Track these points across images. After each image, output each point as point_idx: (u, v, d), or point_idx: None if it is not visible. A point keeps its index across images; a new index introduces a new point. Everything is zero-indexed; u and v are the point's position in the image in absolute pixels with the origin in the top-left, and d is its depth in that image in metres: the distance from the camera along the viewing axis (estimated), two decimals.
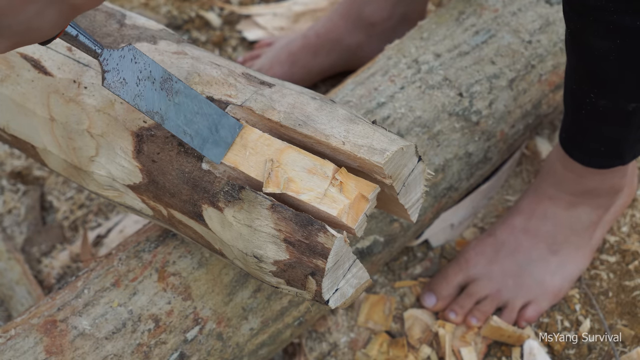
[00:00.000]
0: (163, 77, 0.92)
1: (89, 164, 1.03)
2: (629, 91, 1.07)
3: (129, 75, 0.91)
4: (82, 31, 0.89)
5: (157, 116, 0.91)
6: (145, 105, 0.91)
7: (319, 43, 1.59)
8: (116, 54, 0.90)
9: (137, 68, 0.91)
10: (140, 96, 0.91)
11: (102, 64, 0.90)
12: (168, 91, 0.92)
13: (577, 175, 1.27)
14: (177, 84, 0.93)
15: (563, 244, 1.33)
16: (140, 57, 0.91)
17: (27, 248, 1.47)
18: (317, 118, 0.95)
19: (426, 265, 1.41)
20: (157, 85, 0.92)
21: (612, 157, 1.21)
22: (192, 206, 0.96)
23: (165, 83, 0.92)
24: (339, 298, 0.93)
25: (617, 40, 0.99)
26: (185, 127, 0.92)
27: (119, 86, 0.90)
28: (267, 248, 0.90)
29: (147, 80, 0.91)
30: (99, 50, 0.90)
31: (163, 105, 0.92)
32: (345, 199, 0.90)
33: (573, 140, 1.22)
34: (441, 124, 1.23)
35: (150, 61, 0.92)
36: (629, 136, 1.15)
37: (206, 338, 1.07)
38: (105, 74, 0.90)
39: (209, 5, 1.80)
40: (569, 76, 1.14)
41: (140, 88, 0.91)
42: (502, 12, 1.34)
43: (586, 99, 1.11)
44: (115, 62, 0.90)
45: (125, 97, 0.90)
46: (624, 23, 0.96)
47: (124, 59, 0.91)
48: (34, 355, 1.01)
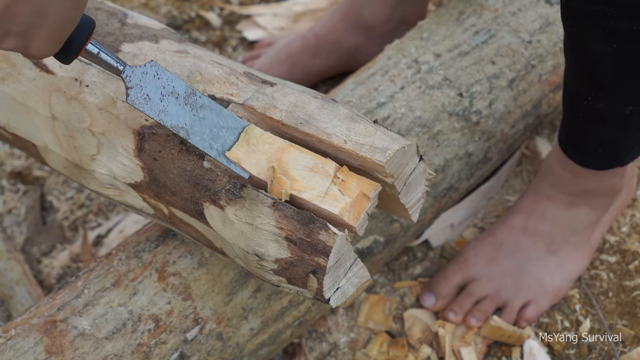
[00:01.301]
0: (187, 92, 0.92)
1: (90, 163, 1.03)
2: (626, 94, 1.08)
3: (153, 91, 0.91)
4: (103, 49, 0.90)
5: (182, 131, 0.91)
6: (170, 120, 0.91)
7: (318, 44, 1.59)
8: (138, 70, 0.91)
9: (160, 84, 0.91)
10: (164, 112, 0.91)
11: (125, 80, 0.90)
12: (192, 106, 0.92)
13: (576, 176, 1.27)
14: (200, 98, 0.93)
15: (562, 244, 1.33)
16: (163, 73, 0.92)
17: (27, 248, 1.47)
18: (318, 117, 0.95)
19: (426, 265, 1.41)
20: (181, 101, 0.92)
21: (610, 158, 1.21)
22: (194, 204, 0.96)
23: (189, 98, 0.92)
24: (339, 297, 0.93)
25: (613, 45, 1.00)
26: (211, 142, 0.92)
27: (142, 102, 0.91)
28: (268, 246, 0.90)
29: (170, 95, 0.92)
30: (121, 67, 0.90)
31: (188, 120, 0.92)
32: (347, 198, 0.90)
33: (571, 142, 1.22)
34: (441, 124, 1.24)
35: (173, 77, 0.92)
36: (626, 139, 1.16)
37: (206, 338, 1.07)
38: (128, 90, 0.90)
39: (209, 5, 1.80)
40: (567, 79, 1.15)
41: (164, 104, 0.91)
42: (502, 12, 1.34)
43: (583, 102, 1.12)
44: (138, 78, 0.91)
45: (150, 113, 0.91)
46: (621, 28, 0.97)
47: (147, 75, 0.91)
48: (34, 355, 1.01)
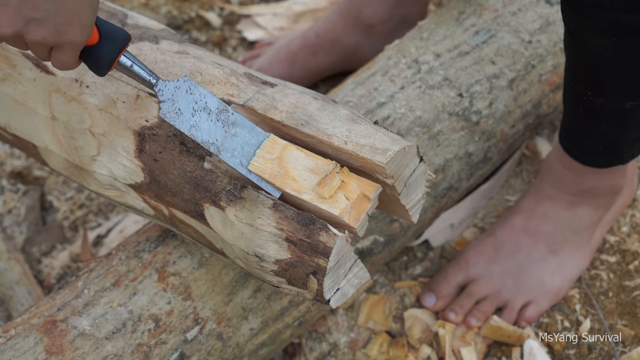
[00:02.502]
0: (219, 108, 0.93)
1: (91, 163, 1.03)
2: (626, 89, 1.08)
3: (185, 106, 0.91)
4: (137, 61, 0.91)
5: (213, 147, 0.91)
6: (201, 135, 0.91)
7: (318, 43, 1.59)
8: (171, 84, 0.91)
9: (192, 99, 0.92)
10: (195, 127, 0.91)
11: (158, 94, 0.91)
12: (224, 122, 0.92)
13: (577, 175, 1.27)
14: (233, 115, 0.93)
15: (563, 244, 1.33)
16: (196, 88, 0.92)
17: (27, 248, 1.47)
18: (319, 118, 0.95)
19: (426, 265, 1.41)
20: (213, 117, 0.92)
21: (610, 156, 1.21)
22: (194, 205, 0.96)
23: (221, 114, 0.92)
24: (340, 298, 0.93)
25: (613, 38, 1.00)
26: (242, 159, 0.92)
27: (174, 116, 0.91)
28: (268, 247, 0.90)
29: (202, 111, 0.92)
30: (153, 81, 0.91)
31: (219, 136, 0.92)
32: (347, 199, 0.90)
33: (572, 139, 1.22)
34: (441, 124, 1.24)
35: (206, 92, 0.92)
36: (627, 135, 1.16)
37: (206, 338, 1.07)
38: (160, 104, 0.91)
39: (209, 5, 1.80)
40: (567, 75, 1.15)
41: (196, 119, 0.92)
42: (502, 12, 1.34)
43: (584, 97, 1.12)
44: (171, 92, 0.91)
45: (181, 128, 0.91)
46: (620, 20, 0.97)
47: (179, 89, 0.92)
48: (34, 355, 1.01)
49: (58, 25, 0.84)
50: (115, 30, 0.90)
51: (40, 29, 0.84)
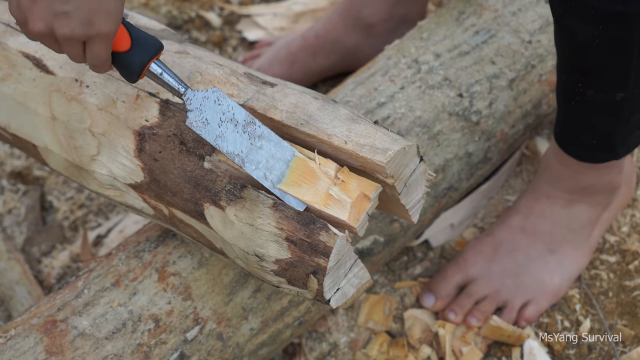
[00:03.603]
0: (246, 120, 0.93)
1: (91, 163, 1.03)
2: (614, 79, 1.09)
3: (212, 116, 0.92)
4: (167, 70, 0.92)
5: (237, 158, 0.92)
6: (226, 146, 0.92)
7: (318, 43, 1.59)
8: (200, 94, 0.92)
9: (220, 110, 0.92)
10: (221, 137, 0.92)
11: (186, 103, 0.92)
12: (250, 135, 0.92)
13: (573, 172, 1.27)
14: (260, 128, 0.93)
15: (561, 243, 1.33)
16: (224, 99, 0.93)
17: (27, 248, 1.47)
18: (319, 117, 0.95)
19: (426, 265, 1.41)
20: (240, 128, 0.92)
21: (605, 151, 1.21)
22: (194, 205, 0.96)
23: (248, 126, 0.93)
24: (340, 298, 0.93)
25: (599, 26, 1.01)
26: (266, 172, 0.92)
27: (201, 126, 0.92)
28: (268, 247, 0.90)
29: (229, 122, 0.92)
30: (182, 90, 0.92)
31: (245, 148, 0.92)
32: (347, 198, 0.90)
33: (566, 134, 1.22)
34: (441, 124, 1.24)
35: (234, 104, 0.93)
36: (619, 128, 1.16)
37: (206, 338, 1.07)
38: (188, 113, 0.92)
39: (209, 5, 1.80)
40: (558, 67, 1.16)
41: (222, 129, 0.92)
42: (502, 12, 1.34)
43: (575, 90, 1.12)
44: (199, 102, 0.92)
45: (207, 137, 0.92)
46: (604, 8, 0.98)
47: (208, 100, 0.92)
48: (34, 355, 1.01)
49: (86, 17, 0.85)
50: (147, 38, 0.92)
51: (70, 22, 0.85)
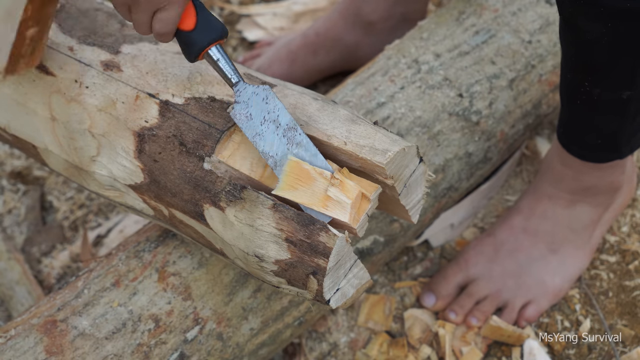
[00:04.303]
0: (289, 125, 0.93)
1: (90, 164, 1.03)
2: (622, 77, 1.08)
3: (256, 113, 0.92)
4: (225, 57, 0.92)
5: (271, 160, 0.92)
6: (263, 145, 0.92)
7: (319, 42, 1.59)
8: (250, 89, 0.92)
9: (266, 108, 0.92)
10: (260, 135, 0.92)
11: (235, 94, 0.92)
12: (289, 140, 0.92)
13: (576, 172, 1.27)
14: (300, 135, 0.93)
15: (563, 243, 1.33)
16: (273, 99, 0.93)
17: (27, 248, 1.47)
18: (318, 118, 0.95)
19: (426, 265, 1.41)
20: (281, 132, 0.92)
21: (609, 150, 1.21)
22: (194, 206, 0.96)
23: (289, 131, 0.93)
24: (339, 298, 0.93)
25: (608, 24, 1.00)
26: None
27: (243, 120, 0.92)
28: (268, 247, 0.90)
29: (272, 123, 0.92)
30: (234, 80, 0.92)
31: (280, 151, 0.92)
32: (347, 199, 0.90)
33: (570, 134, 1.22)
34: (441, 124, 1.24)
35: (281, 106, 0.93)
36: (625, 127, 1.15)
37: (206, 338, 1.07)
38: (234, 104, 0.92)
39: (209, 5, 1.80)
40: (563, 67, 1.15)
41: (264, 128, 0.92)
42: (502, 12, 1.34)
43: (581, 89, 1.12)
44: (247, 96, 0.92)
45: (247, 132, 0.92)
46: (614, 5, 0.97)
47: (257, 96, 0.92)
48: (34, 355, 1.01)
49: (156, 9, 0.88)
50: (213, 22, 0.92)
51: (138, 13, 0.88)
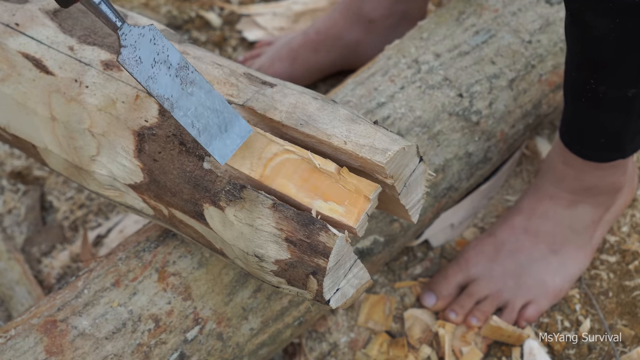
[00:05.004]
0: (180, 64, 0.90)
1: (90, 164, 1.03)
2: (628, 74, 1.07)
3: (146, 55, 0.89)
4: (106, 1, 0.88)
5: (167, 102, 0.89)
6: (157, 88, 0.89)
7: (319, 40, 1.60)
8: (136, 30, 0.88)
9: (155, 49, 0.89)
10: (153, 79, 0.89)
11: (120, 38, 0.88)
12: (183, 79, 0.90)
13: (578, 171, 1.26)
14: (192, 74, 0.91)
15: (564, 244, 1.33)
16: (160, 39, 0.89)
17: (27, 248, 1.47)
18: (318, 118, 0.95)
19: (426, 265, 1.41)
20: (173, 72, 0.90)
21: (612, 150, 1.21)
22: (194, 205, 0.96)
23: (181, 70, 0.90)
24: (339, 298, 0.93)
25: (616, 19, 1.00)
26: (194, 120, 0.90)
27: (133, 64, 0.88)
28: (268, 247, 0.90)
29: (162, 64, 0.89)
30: (119, 24, 0.88)
31: (175, 92, 0.90)
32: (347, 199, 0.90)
33: (573, 133, 1.22)
34: (441, 124, 1.24)
35: (169, 45, 0.90)
36: (629, 126, 1.15)
37: (206, 338, 1.07)
38: (121, 48, 0.88)
39: (209, 5, 1.80)
40: (568, 64, 1.14)
41: (155, 70, 0.89)
42: (502, 12, 1.34)
43: (586, 86, 1.11)
44: (134, 39, 0.88)
45: (138, 77, 0.88)
46: (623, 0, 0.97)
47: (144, 37, 0.88)
48: (34, 355, 1.01)
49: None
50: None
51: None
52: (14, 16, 1.09)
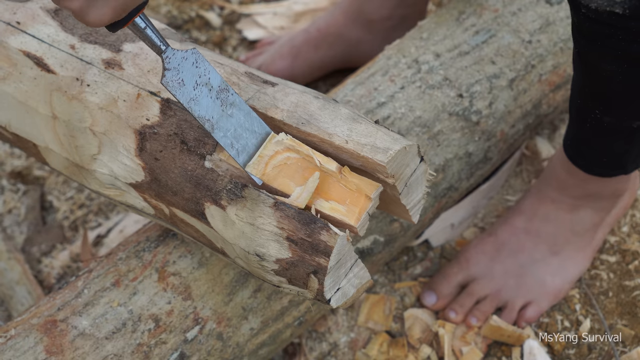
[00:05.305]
0: (220, 86, 0.93)
1: (91, 162, 1.03)
2: (635, 110, 1.09)
3: (188, 78, 0.91)
4: (151, 25, 0.90)
5: (207, 124, 0.91)
6: (198, 110, 0.91)
7: (320, 37, 1.60)
8: (179, 54, 0.91)
9: (197, 72, 0.92)
10: (195, 100, 0.91)
11: (164, 61, 0.91)
12: (223, 101, 0.92)
13: (580, 180, 1.27)
14: (232, 96, 0.93)
15: (564, 245, 1.33)
16: (202, 62, 0.92)
17: (27, 248, 1.47)
18: (320, 117, 0.95)
19: (426, 265, 1.41)
20: (214, 94, 0.92)
21: (614, 168, 1.22)
22: (195, 204, 0.96)
23: (221, 93, 0.92)
24: (340, 297, 0.93)
25: (624, 66, 1.01)
26: (233, 141, 0.92)
27: (176, 86, 0.91)
28: (269, 246, 0.90)
29: (204, 86, 0.92)
30: (163, 47, 0.91)
31: (216, 114, 0.92)
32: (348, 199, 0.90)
33: (577, 149, 1.22)
34: (441, 124, 1.24)
35: (211, 68, 0.92)
36: (632, 150, 1.16)
37: (206, 338, 1.07)
38: (165, 71, 0.90)
39: (209, 5, 1.80)
40: (574, 91, 1.15)
41: (197, 92, 0.91)
42: (502, 12, 1.34)
43: (591, 115, 1.12)
44: (177, 62, 0.91)
45: (181, 99, 0.91)
46: (632, 51, 0.98)
47: (186, 60, 0.91)
48: (34, 355, 1.01)
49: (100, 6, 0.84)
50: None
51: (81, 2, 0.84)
52: (15, 14, 1.09)
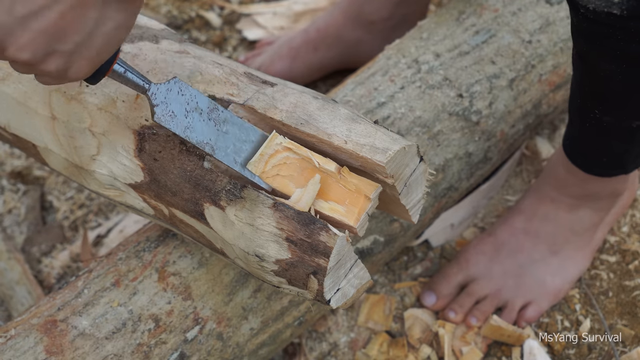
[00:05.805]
0: (209, 107, 0.93)
1: (91, 163, 1.03)
2: (634, 110, 1.09)
3: (177, 108, 0.91)
4: (129, 68, 0.90)
5: (207, 147, 0.91)
6: (195, 136, 0.91)
7: (320, 38, 1.60)
8: (163, 87, 0.91)
9: (184, 100, 0.92)
10: (190, 128, 0.91)
11: (151, 98, 0.90)
12: (216, 121, 0.92)
13: (580, 180, 1.27)
14: (223, 113, 0.93)
15: (564, 245, 1.33)
16: (187, 89, 0.92)
17: (27, 248, 1.47)
18: (319, 117, 0.95)
19: (426, 265, 1.41)
20: (205, 116, 0.92)
21: (614, 167, 1.22)
22: (194, 205, 0.96)
23: (212, 113, 0.92)
24: (340, 298, 0.93)
25: (623, 65, 1.01)
26: (235, 156, 0.92)
27: (169, 119, 0.91)
28: (269, 247, 0.90)
29: (194, 111, 0.92)
30: (146, 86, 0.91)
31: (212, 135, 0.92)
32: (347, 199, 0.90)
33: (576, 149, 1.22)
34: (441, 124, 1.24)
35: (196, 92, 0.92)
36: (632, 150, 1.16)
37: (206, 338, 1.07)
38: (154, 108, 0.90)
39: (209, 5, 1.80)
40: (574, 91, 1.15)
41: (189, 120, 0.91)
42: (502, 12, 1.34)
43: (590, 114, 1.12)
44: (163, 95, 0.91)
45: (176, 130, 0.91)
46: (631, 51, 0.98)
47: (171, 92, 0.91)
48: (34, 355, 1.01)
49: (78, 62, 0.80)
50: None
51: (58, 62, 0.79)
52: None
